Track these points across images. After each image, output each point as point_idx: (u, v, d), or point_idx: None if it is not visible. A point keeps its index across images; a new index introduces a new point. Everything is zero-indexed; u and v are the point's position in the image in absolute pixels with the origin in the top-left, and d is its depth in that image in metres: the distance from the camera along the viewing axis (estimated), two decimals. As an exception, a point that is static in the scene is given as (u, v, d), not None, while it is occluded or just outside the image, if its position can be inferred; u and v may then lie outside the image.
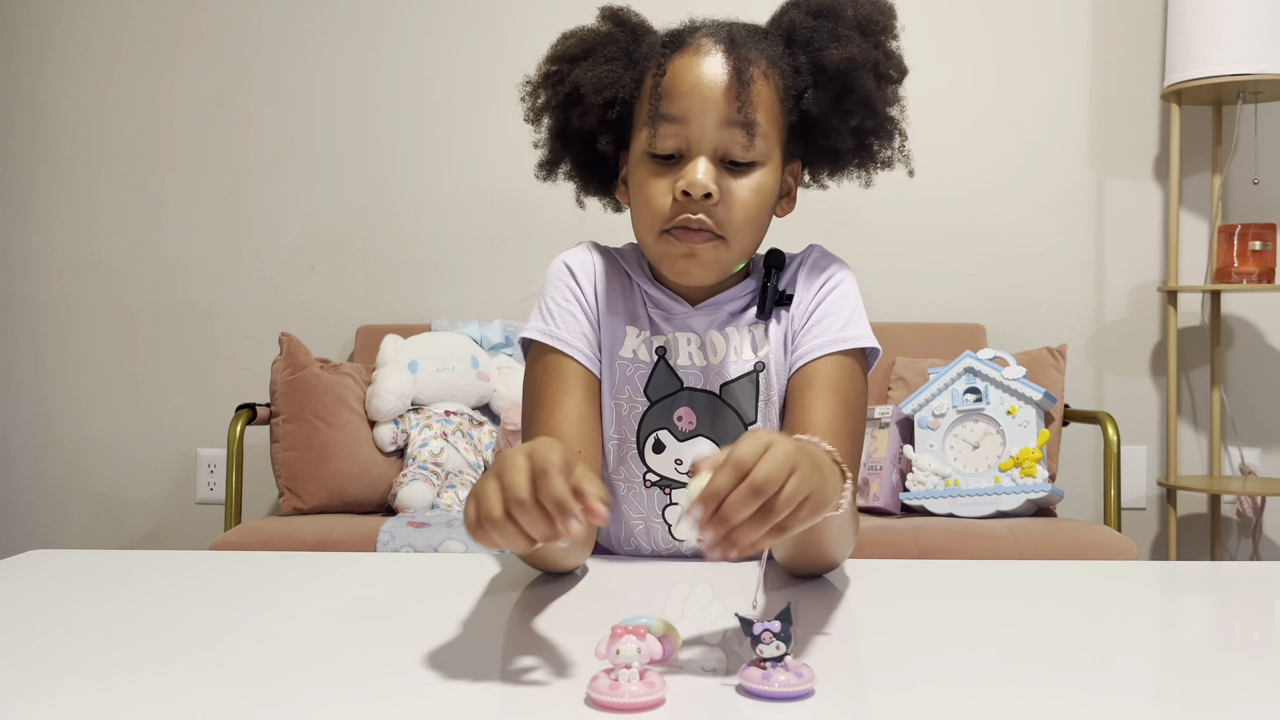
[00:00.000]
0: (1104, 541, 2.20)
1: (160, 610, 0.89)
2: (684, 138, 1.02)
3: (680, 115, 1.01)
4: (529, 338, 1.10)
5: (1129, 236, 2.93)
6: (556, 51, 1.11)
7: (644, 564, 1.08)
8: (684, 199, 1.01)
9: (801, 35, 1.06)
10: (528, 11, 2.96)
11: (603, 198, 1.18)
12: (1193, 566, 1.20)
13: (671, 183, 1.02)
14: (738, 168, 1.03)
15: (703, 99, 1.01)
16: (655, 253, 1.06)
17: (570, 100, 1.09)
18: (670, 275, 1.07)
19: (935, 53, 2.91)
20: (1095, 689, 0.69)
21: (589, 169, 1.15)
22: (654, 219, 1.04)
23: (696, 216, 1.01)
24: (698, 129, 1.01)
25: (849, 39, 1.05)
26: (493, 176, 2.98)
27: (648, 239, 1.06)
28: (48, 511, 3.05)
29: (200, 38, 3.02)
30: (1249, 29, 2.54)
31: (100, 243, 3.03)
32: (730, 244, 1.04)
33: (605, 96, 1.07)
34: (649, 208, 1.04)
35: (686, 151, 1.02)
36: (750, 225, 1.05)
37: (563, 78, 1.09)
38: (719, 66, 1.01)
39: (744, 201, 1.03)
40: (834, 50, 1.04)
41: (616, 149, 1.11)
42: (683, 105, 1.01)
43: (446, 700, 0.66)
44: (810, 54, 1.05)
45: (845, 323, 1.08)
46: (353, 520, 2.34)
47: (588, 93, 1.06)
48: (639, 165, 1.05)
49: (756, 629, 0.65)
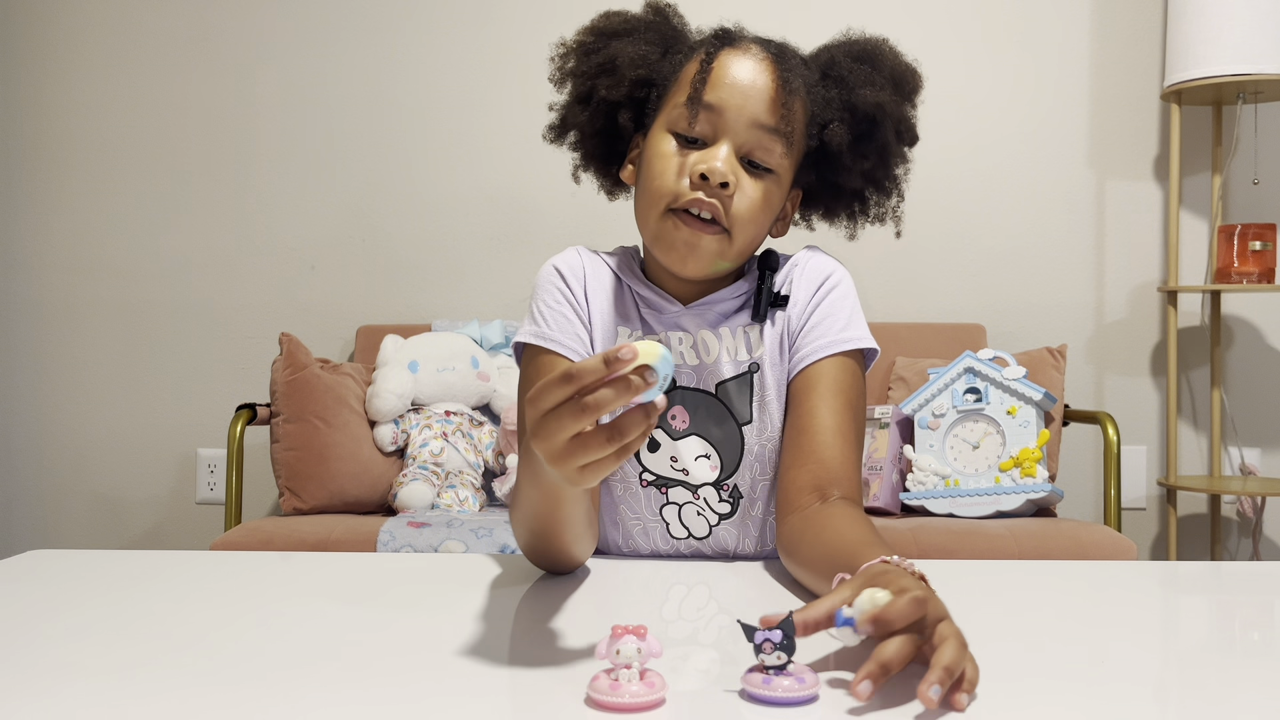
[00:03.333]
0: (1104, 541, 2.20)
1: (160, 610, 0.89)
2: (715, 126, 1.04)
3: (718, 104, 1.04)
4: (522, 341, 1.11)
5: (1129, 236, 2.94)
6: (598, 25, 1.13)
7: (643, 564, 1.08)
8: (700, 182, 1.03)
9: (838, 72, 1.10)
10: (529, 12, 2.96)
11: (600, 175, 1.19)
12: (1193, 566, 1.20)
13: (689, 164, 1.04)
14: (754, 168, 1.05)
15: (743, 94, 1.04)
16: (655, 230, 1.06)
17: (603, 70, 1.11)
18: (666, 261, 1.07)
19: (936, 53, 2.90)
20: (1095, 689, 0.69)
21: (598, 142, 1.16)
22: (663, 194, 1.05)
23: (710, 200, 1.03)
24: (731, 121, 1.04)
25: (882, 86, 1.09)
26: (493, 176, 2.98)
27: (651, 214, 1.06)
28: (48, 511, 3.05)
29: (201, 38, 3.02)
30: (1249, 29, 2.54)
31: (100, 243, 3.04)
32: (733, 239, 1.05)
33: (639, 73, 1.09)
34: (661, 181, 1.05)
35: (712, 139, 1.05)
36: (753, 225, 1.06)
37: (599, 48, 1.12)
38: (765, 72, 1.05)
39: (754, 200, 1.05)
40: (867, 93, 1.08)
41: (634, 129, 1.13)
42: (723, 95, 1.04)
43: (447, 700, 0.66)
44: (844, 91, 1.09)
45: (845, 323, 1.09)
46: (353, 520, 2.34)
47: (623, 65, 1.09)
48: (660, 143, 1.06)
49: (758, 638, 0.64)
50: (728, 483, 1.11)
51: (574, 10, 1.38)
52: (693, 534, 1.12)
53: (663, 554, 1.13)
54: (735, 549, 1.12)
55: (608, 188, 1.20)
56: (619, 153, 1.16)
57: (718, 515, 1.11)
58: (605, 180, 1.19)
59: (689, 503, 1.11)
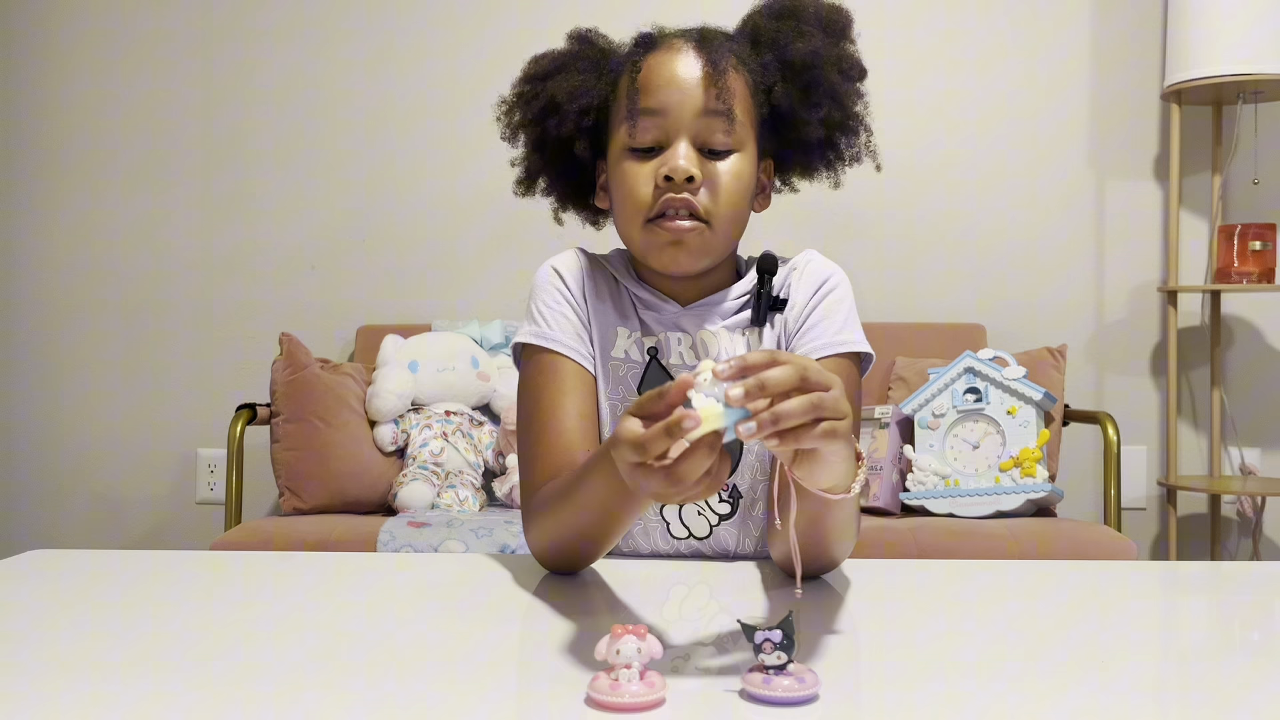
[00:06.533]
0: (1104, 541, 2.20)
1: (161, 610, 0.89)
2: (663, 129, 1.05)
3: (658, 108, 1.04)
4: (522, 342, 1.11)
5: (1129, 236, 2.93)
6: (529, 71, 1.14)
7: (643, 564, 1.08)
8: (666, 184, 1.03)
9: (766, 35, 1.10)
10: (528, 12, 2.96)
11: (581, 210, 1.20)
12: (1193, 566, 1.20)
13: (653, 171, 1.04)
14: (716, 155, 1.06)
15: (679, 90, 1.04)
16: (641, 244, 1.07)
17: (546, 112, 1.11)
18: (657, 266, 1.08)
19: (936, 53, 2.91)
20: (1096, 689, 0.69)
21: (567, 181, 1.17)
22: (637, 209, 1.05)
23: (680, 196, 1.03)
24: (675, 119, 1.04)
25: (811, 35, 1.09)
26: (493, 176, 2.95)
27: (632, 231, 1.07)
28: (48, 511, 3.05)
29: (201, 39, 3.02)
30: (1249, 29, 2.54)
31: (100, 243, 3.03)
32: (715, 228, 1.06)
33: (580, 104, 1.10)
34: (632, 199, 1.06)
35: (666, 142, 1.05)
36: (732, 209, 1.06)
37: (537, 93, 1.13)
38: (692, 60, 1.05)
39: (725, 186, 1.05)
40: (799, 45, 1.08)
41: (593, 156, 1.13)
42: (660, 98, 1.04)
43: (447, 700, 0.66)
44: (776, 51, 1.09)
45: (841, 326, 1.10)
46: (353, 520, 2.34)
47: (563, 101, 1.10)
48: (619, 162, 1.07)
49: (758, 637, 0.64)
50: (727, 483, 1.11)
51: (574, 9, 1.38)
52: (693, 534, 1.12)
53: (663, 554, 1.13)
54: (735, 549, 1.12)
55: (590, 219, 1.21)
56: (591, 183, 1.16)
57: (718, 515, 1.11)
58: (586, 212, 1.20)
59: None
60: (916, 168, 2.91)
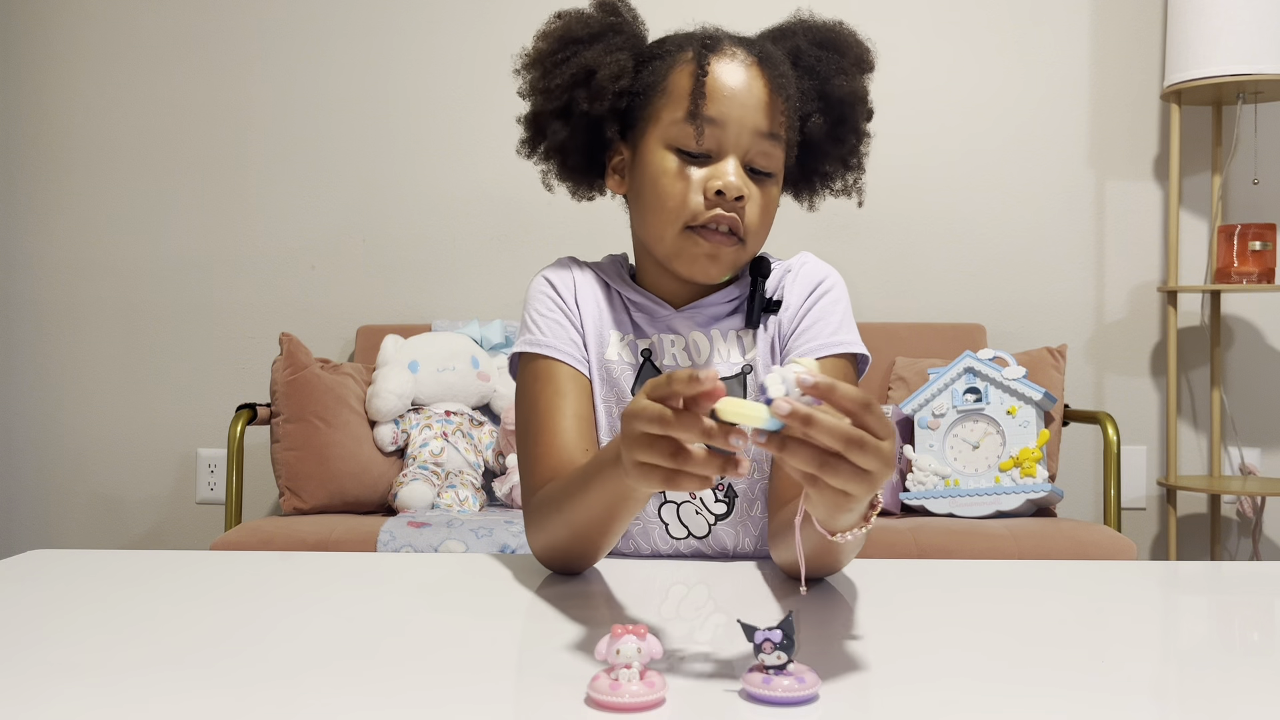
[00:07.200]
0: (1104, 541, 2.20)
1: (161, 610, 0.89)
2: (718, 140, 1.04)
3: (719, 118, 1.04)
4: (518, 352, 1.11)
5: (1129, 236, 2.94)
6: (559, 31, 1.10)
7: (642, 564, 1.08)
8: (716, 198, 1.03)
9: (807, 62, 1.10)
10: (528, 11, 2.96)
11: (577, 184, 1.17)
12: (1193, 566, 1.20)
13: (702, 181, 1.04)
14: (757, 175, 1.06)
15: (741, 105, 1.04)
16: (672, 248, 1.07)
17: (577, 82, 1.09)
18: (685, 273, 1.08)
19: (936, 52, 2.91)
20: (1096, 689, 0.69)
21: (575, 152, 1.14)
22: (679, 214, 1.05)
23: (728, 215, 1.04)
24: (734, 134, 1.04)
25: (852, 74, 1.10)
26: (493, 176, 2.98)
27: (665, 232, 1.06)
28: (49, 511, 3.05)
29: (200, 39, 3.02)
30: (1249, 29, 2.54)
31: (100, 243, 3.03)
32: (748, 247, 1.07)
33: (621, 85, 1.08)
34: (674, 202, 1.05)
35: (718, 153, 1.05)
36: (764, 231, 1.08)
37: (568, 58, 1.09)
38: (757, 78, 1.05)
39: (763, 208, 1.07)
40: (841, 82, 1.09)
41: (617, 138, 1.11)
42: (722, 108, 1.04)
43: (447, 700, 0.66)
44: (817, 81, 1.10)
45: (836, 327, 1.10)
46: (353, 520, 2.34)
47: (603, 78, 1.07)
48: (660, 158, 1.06)
49: (758, 637, 0.64)
50: (723, 483, 1.11)
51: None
52: (692, 533, 1.12)
53: (662, 554, 1.13)
54: (734, 549, 1.12)
55: (583, 194, 1.18)
56: (598, 161, 1.15)
57: (714, 515, 1.12)
58: (582, 188, 1.17)
59: (687, 502, 1.11)
60: (916, 168, 2.91)
